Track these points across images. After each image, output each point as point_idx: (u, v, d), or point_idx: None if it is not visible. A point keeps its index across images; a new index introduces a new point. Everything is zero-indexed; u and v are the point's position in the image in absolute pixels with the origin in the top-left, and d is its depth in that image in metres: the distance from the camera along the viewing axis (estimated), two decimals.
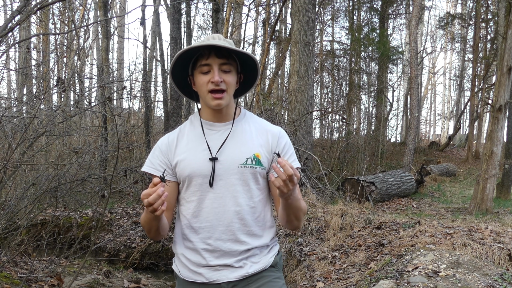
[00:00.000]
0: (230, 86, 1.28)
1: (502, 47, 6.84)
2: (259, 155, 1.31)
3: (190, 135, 1.36)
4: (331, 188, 7.71)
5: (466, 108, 20.64)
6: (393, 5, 18.01)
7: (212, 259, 1.29)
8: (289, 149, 1.36)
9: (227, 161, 1.29)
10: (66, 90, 4.63)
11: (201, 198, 1.30)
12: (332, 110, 15.91)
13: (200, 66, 1.27)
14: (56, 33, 11.87)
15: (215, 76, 1.24)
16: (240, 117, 1.38)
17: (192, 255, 1.32)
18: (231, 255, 1.29)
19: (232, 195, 1.28)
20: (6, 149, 3.35)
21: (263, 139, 1.34)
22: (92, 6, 14.32)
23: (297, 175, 1.10)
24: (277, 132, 1.36)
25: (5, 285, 3.00)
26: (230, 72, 1.28)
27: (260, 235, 1.33)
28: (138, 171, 7.28)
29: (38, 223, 5.00)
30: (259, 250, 1.33)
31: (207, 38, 1.30)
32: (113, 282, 3.96)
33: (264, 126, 1.38)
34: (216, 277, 1.29)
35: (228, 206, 1.29)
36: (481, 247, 3.61)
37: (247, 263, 1.30)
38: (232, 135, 1.33)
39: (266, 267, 1.33)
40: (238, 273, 1.29)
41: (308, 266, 4.19)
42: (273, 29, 13.68)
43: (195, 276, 1.31)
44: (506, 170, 9.22)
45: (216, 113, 1.34)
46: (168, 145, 1.35)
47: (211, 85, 1.26)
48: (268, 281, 1.32)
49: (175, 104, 9.34)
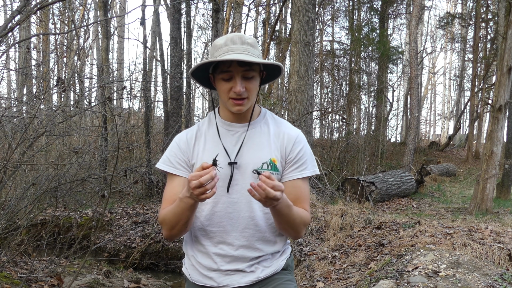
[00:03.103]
0: (252, 92, 1.24)
1: (502, 47, 6.84)
2: (275, 160, 1.27)
3: (208, 134, 1.32)
4: (331, 188, 7.71)
5: (466, 108, 20.65)
6: (393, 5, 18.01)
7: (224, 263, 1.27)
8: (303, 156, 1.30)
9: (243, 166, 1.26)
10: (66, 90, 4.63)
11: (215, 202, 1.26)
12: (332, 110, 15.92)
13: (222, 73, 1.22)
14: (56, 33, 11.88)
15: (237, 86, 1.19)
16: (259, 117, 1.34)
17: (203, 258, 1.30)
18: (243, 261, 1.27)
19: (247, 201, 1.25)
20: (6, 149, 3.35)
21: (279, 143, 1.30)
22: (92, 6, 14.34)
23: (275, 196, 1.07)
24: (294, 136, 1.31)
25: (5, 285, 3.00)
26: (252, 78, 1.23)
27: (273, 241, 1.31)
28: (138, 171, 7.28)
29: (38, 223, 5.00)
30: (271, 255, 1.32)
31: (228, 42, 1.21)
32: (113, 282, 3.96)
33: (282, 128, 1.33)
34: (227, 282, 1.27)
35: (242, 212, 1.26)
36: (481, 247, 3.61)
37: (259, 267, 1.28)
38: (250, 138, 1.29)
39: (278, 270, 1.31)
40: (249, 278, 1.27)
41: (308, 266, 4.20)
42: (273, 29, 13.69)
43: (205, 280, 1.29)
44: (506, 170, 9.22)
45: (236, 115, 1.30)
46: (187, 143, 1.31)
47: (233, 94, 1.21)
48: (279, 284, 1.30)
49: (175, 104, 9.33)
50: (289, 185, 1.28)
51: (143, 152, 9.11)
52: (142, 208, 6.59)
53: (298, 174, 1.29)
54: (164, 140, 9.17)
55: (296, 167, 1.29)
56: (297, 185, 1.29)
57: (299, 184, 1.29)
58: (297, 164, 1.29)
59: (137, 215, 6.24)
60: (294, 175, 1.29)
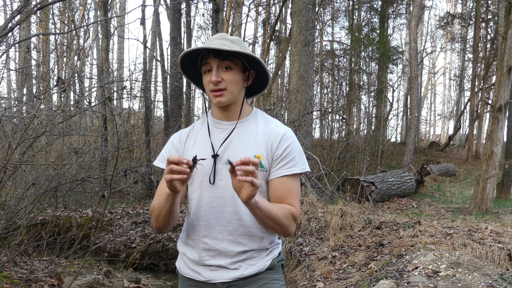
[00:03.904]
0: (231, 83, 1.28)
1: (502, 47, 6.84)
2: (260, 157, 1.29)
3: (199, 132, 1.39)
4: (331, 188, 7.72)
5: (466, 108, 20.66)
6: (393, 5, 18.02)
7: (208, 258, 1.30)
8: (291, 153, 1.30)
9: None
10: (66, 90, 4.63)
11: (201, 196, 1.31)
12: (332, 110, 15.92)
13: (202, 66, 1.31)
14: (56, 33, 11.88)
15: (213, 76, 1.26)
16: (249, 116, 1.38)
17: (191, 253, 1.34)
18: (227, 256, 1.29)
19: (231, 196, 1.27)
20: (6, 149, 3.35)
21: (266, 140, 1.32)
22: (92, 6, 14.34)
23: (249, 169, 1.04)
24: (281, 134, 1.32)
25: (5, 285, 3.00)
26: (231, 70, 1.28)
27: (260, 236, 1.31)
28: (138, 171, 7.29)
29: (38, 223, 5.00)
30: (257, 253, 1.32)
31: (210, 39, 1.32)
32: (113, 282, 3.96)
33: (271, 126, 1.35)
34: (212, 277, 1.30)
35: (226, 207, 1.28)
36: (481, 247, 3.61)
37: (243, 265, 1.30)
38: (238, 135, 1.33)
39: (262, 270, 1.32)
40: (232, 274, 1.29)
41: (308, 266, 4.20)
42: (273, 29, 13.69)
43: (193, 274, 1.34)
44: (506, 170, 9.22)
45: (224, 111, 1.35)
46: (180, 141, 1.40)
47: (211, 85, 1.28)
48: (264, 283, 1.31)
49: (175, 104, 9.34)
50: (276, 182, 1.29)
51: (143, 152, 9.12)
52: (142, 208, 6.59)
53: (286, 171, 1.29)
54: (164, 140, 9.18)
55: (283, 164, 1.29)
56: (285, 182, 1.29)
57: (287, 181, 1.29)
58: (285, 161, 1.30)
59: (137, 215, 6.24)
60: (281, 172, 1.29)
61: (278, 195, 1.28)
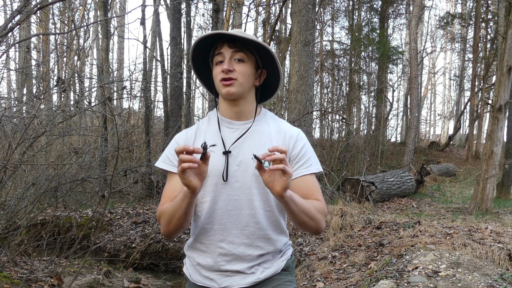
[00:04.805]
0: (242, 75, 1.24)
1: (502, 47, 6.84)
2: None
3: (207, 132, 1.32)
4: (331, 188, 7.72)
5: (466, 108, 20.64)
6: (393, 5, 18.01)
7: (224, 263, 1.25)
8: (306, 153, 1.29)
9: (244, 163, 1.25)
10: (66, 90, 4.63)
11: (215, 199, 1.25)
12: (332, 110, 15.91)
13: (214, 56, 1.26)
14: (56, 33, 11.87)
15: (225, 64, 1.22)
16: (260, 116, 1.34)
17: (204, 258, 1.28)
18: (244, 260, 1.26)
19: (248, 198, 1.24)
20: (6, 149, 3.35)
21: (281, 141, 1.30)
22: (92, 6, 14.34)
23: (280, 159, 1.03)
24: (295, 134, 1.31)
25: (5, 285, 3.00)
26: (243, 62, 1.25)
27: (275, 239, 1.29)
28: (138, 171, 7.28)
29: (38, 223, 5.00)
30: (272, 256, 1.31)
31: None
32: (113, 282, 3.96)
33: (282, 127, 1.33)
34: (228, 283, 1.26)
35: (243, 209, 1.24)
36: (481, 247, 3.61)
37: (259, 269, 1.27)
38: (250, 135, 1.28)
39: (278, 271, 1.30)
40: (249, 279, 1.26)
41: (308, 266, 4.20)
42: (273, 29, 13.69)
43: (206, 281, 1.28)
44: (506, 170, 9.22)
45: (234, 107, 1.29)
46: (187, 141, 1.32)
47: (222, 74, 1.23)
48: (278, 284, 1.29)
49: (175, 104, 9.34)
50: (298, 181, 1.27)
51: (143, 152, 9.12)
52: (142, 208, 6.59)
53: (305, 171, 1.27)
54: (164, 140, 9.18)
55: (302, 164, 1.28)
56: (306, 179, 1.28)
57: (308, 179, 1.28)
58: (302, 160, 1.28)
59: (137, 215, 6.24)
60: (301, 172, 1.27)
61: (302, 192, 1.23)
